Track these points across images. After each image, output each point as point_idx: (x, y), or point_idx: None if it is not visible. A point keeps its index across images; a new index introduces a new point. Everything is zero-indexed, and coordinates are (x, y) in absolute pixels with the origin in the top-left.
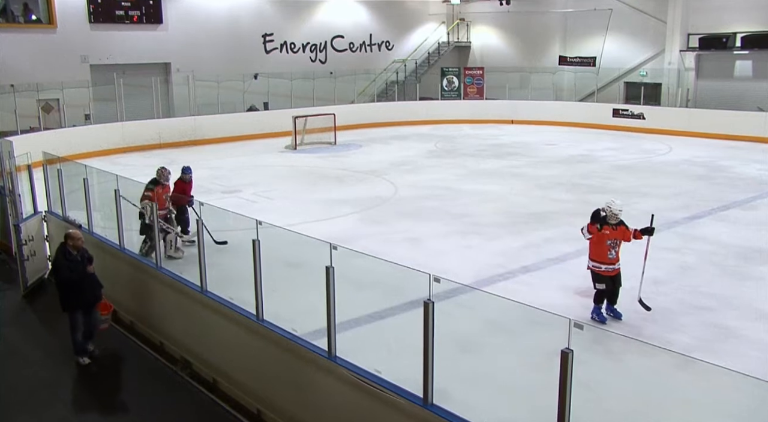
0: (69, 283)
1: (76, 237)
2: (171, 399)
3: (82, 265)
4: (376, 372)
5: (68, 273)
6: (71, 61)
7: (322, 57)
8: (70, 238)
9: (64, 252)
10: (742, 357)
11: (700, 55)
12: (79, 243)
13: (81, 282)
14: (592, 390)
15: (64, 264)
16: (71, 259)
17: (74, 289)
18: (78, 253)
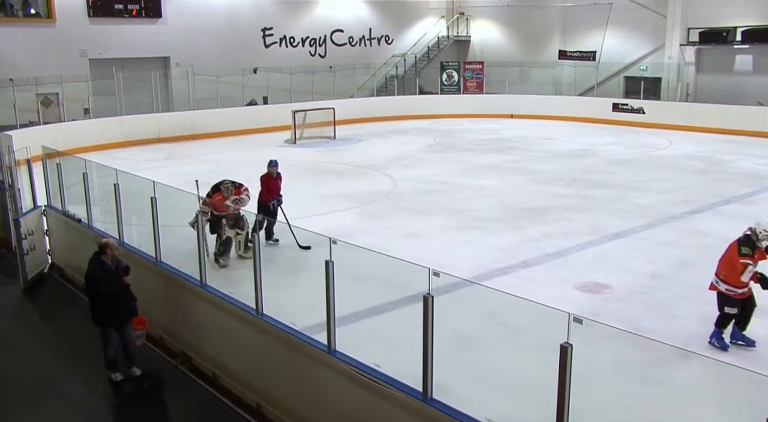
0: (104, 297)
1: (113, 247)
2: (171, 393)
3: (117, 277)
4: (376, 367)
5: (104, 286)
6: (70, 55)
7: (321, 51)
8: (108, 248)
9: (99, 263)
10: (740, 351)
11: (700, 50)
12: (115, 253)
13: (116, 295)
14: (591, 384)
15: (100, 276)
16: (106, 270)
17: (108, 303)
18: (112, 263)
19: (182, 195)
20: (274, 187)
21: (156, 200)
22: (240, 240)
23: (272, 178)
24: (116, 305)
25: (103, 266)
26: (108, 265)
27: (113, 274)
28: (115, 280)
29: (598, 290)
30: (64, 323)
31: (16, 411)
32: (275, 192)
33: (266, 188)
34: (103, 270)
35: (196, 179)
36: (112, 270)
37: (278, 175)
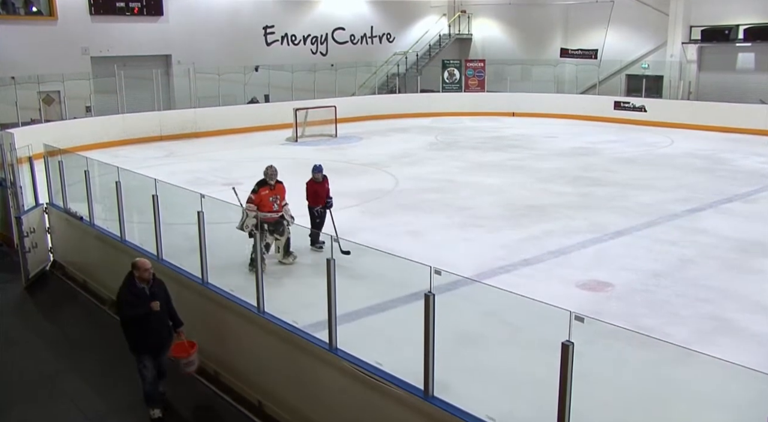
0: (132, 322)
1: (143, 268)
2: (172, 390)
3: (149, 300)
4: (377, 364)
5: (130, 310)
6: (72, 53)
7: (323, 49)
8: (136, 269)
9: (129, 284)
10: (741, 349)
11: (702, 48)
12: (146, 275)
13: (147, 320)
14: (592, 382)
15: (126, 298)
16: (136, 293)
17: (139, 329)
18: (148, 286)
19: (183, 193)
20: (321, 192)
21: (157, 198)
22: (280, 246)
23: (317, 183)
24: (148, 331)
25: (132, 288)
26: (138, 287)
27: (145, 297)
28: (144, 304)
29: (599, 288)
30: (66, 321)
31: (17, 408)
32: (323, 197)
33: (313, 195)
34: (131, 292)
35: (233, 186)
36: (143, 294)
37: (324, 179)
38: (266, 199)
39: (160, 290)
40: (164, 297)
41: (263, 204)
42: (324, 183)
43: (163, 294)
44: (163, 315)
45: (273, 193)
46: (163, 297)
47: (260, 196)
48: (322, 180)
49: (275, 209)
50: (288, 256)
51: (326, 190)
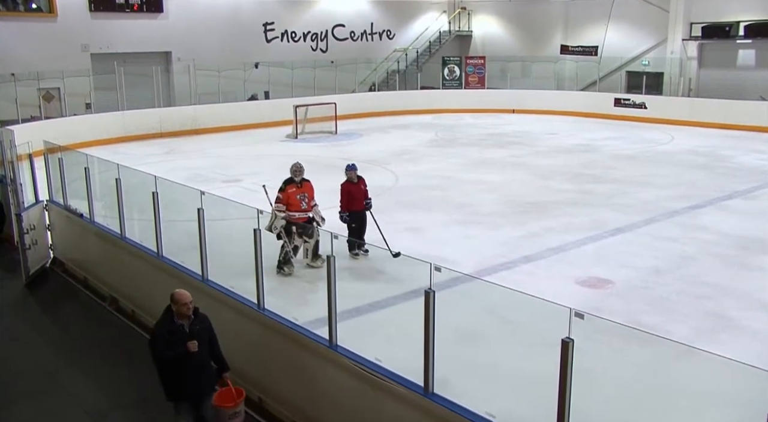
0: (168, 364)
1: (181, 302)
2: None
3: (188, 339)
4: (377, 361)
5: (164, 350)
6: (72, 50)
7: (323, 46)
8: (174, 302)
9: (166, 320)
10: (742, 346)
11: (702, 44)
12: (184, 310)
13: (184, 362)
14: (592, 379)
15: (161, 336)
16: (173, 330)
17: (176, 372)
18: (188, 322)
19: (184, 189)
20: (357, 193)
21: (158, 195)
22: (308, 249)
23: (353, 183)
24: (187, 375)
25: (170, 325)
26: (176, 324)
27: (183, 336)
28: (182, 344)
29: (599, 285)
30: (66, 317)
31: (18, 405)
32: (360, 199)
33: (347, 197)
34: (168, 329)
35: (263, 184)
36: (182, 331)
37: (360, 179)
38: (294, 197)
39: (202, 327)
40: (207, 336)
41: (291, 203)
42: (360, 183)
43: (206, 332)
44: (205, 356)
45: (301, 191)
46: (205, 336)
47: (287, 194)
48: (358, 181)
49: (303, 208)
50: (317, 259)
51: (363, 191)
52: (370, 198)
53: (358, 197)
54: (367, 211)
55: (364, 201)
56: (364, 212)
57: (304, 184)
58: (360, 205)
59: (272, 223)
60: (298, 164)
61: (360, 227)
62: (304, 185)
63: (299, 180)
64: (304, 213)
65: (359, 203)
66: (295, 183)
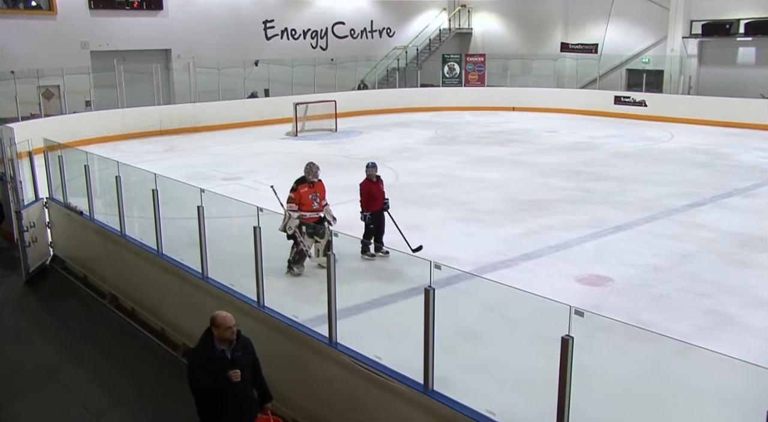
0: (207, 394)
1: (224, 325)
2: (173, 385)
3: (230, 367)
4: (377, 359)
5: (204, 379)
6: (71, 48)
7: (323, 43)
8: (215, 326)
9: (205, 346)
10: (742, 344)
11: (702, 42)
12: (227, 334)
13: (226, 392)
14: (592, 376)
15: (201, 363)
16: (214, 357)
17: (215, 403)
18: (230, 348)
19: (184, 187)
20: (377, 192)
21: (158, 192)
22: (320, 249)
23: (372, 182)
24: (227, 407)
25: (210, 351)
26: (217, 350)
27: (225, 363)
28: (223, 373)
29: (599, 283)
30: (66, 315)
31: (19, 401)
32: (379, 198)
33: (368, 196)
34: (207, 357)
35: (271, 185)
36: (224, 358)
37: (379, 179)
38: (306, 197)
39: (245, 353)
40: (250, 362)
41: (303, 202)
42: (379, 183)
43: (249, 357)
44: (248, 385)
45: (313, 191)
46: (248, 362)
47: (300, 194)
48: (377, 180)
49: (315, 208)
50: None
51: (382, 191)
52: (387, 198)
53: (378, 197)
54: (385, 211)
55: (383, 201)
56: (382, 212)
57: (316, 184)
58: (379, 205)
59: (286, 223)
60: (314, 165)
61: (378, 227)
62: (316, 185)
63: (314, 180)
64: (316, 213)
65: (378, 203)
66: (309, 183)
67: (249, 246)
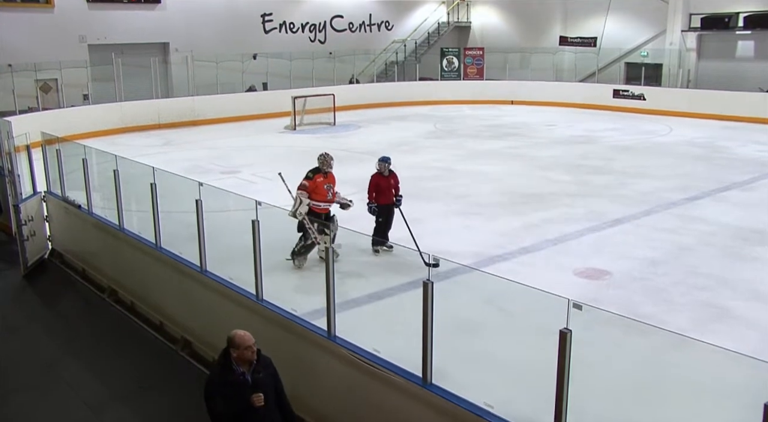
0: (226, 420)
1: (243, 345)
2: (172, 378)
3: (251, 391)
4: (376, 352)
5: (222, 405)
6: (69, 41)
7: (321, 37)
8: (234, 346)
9: (223, 369)
10: (739, 337)
11: (701, 36)
12: (247, 354)
13: (247, 418)
14: (590, 369)
15: (216, 388)
16: (233, 381)
17: None
18: (249, 370)
19: (182, 181)
20: (385, 187)
21: (156, 186)
22: (327, 241)
23: (382, 176)
24: None
25: (228, 374)
26: (236, 373)
27: (244, 387)
28: (243, 397)
29: (597, 276)
30: (65, 308)
31: (17, 395)
32: (387, 195)
33: (375, 188)
34: (226, 381)
35: (279, 172)
36: (241, 382)
37: (391, 174)
38: (321, 187)
39: (266, 374)
40: (272, 384)
41: (318, 191)
42: (390, 177)
43: (271, 379)
44: (271, 410)
45: (327, 181)
46: (270, 384)
47: (316, 183)
48: (389, 174)
49: (329, 198)
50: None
51: (392, 185)
52: (401, 195)
53: (386, 191)
54: (397, 207)
55: (394, 196)
56: (391, 207)
57: (329, 174)
58: (387, 199)
59: (296, 209)
60: (329, 156)
61: (386, 222)
62: (329, 176)
63: (328, 170)
64: (329, 204)
65: (386, 197)
66: (322, 172)
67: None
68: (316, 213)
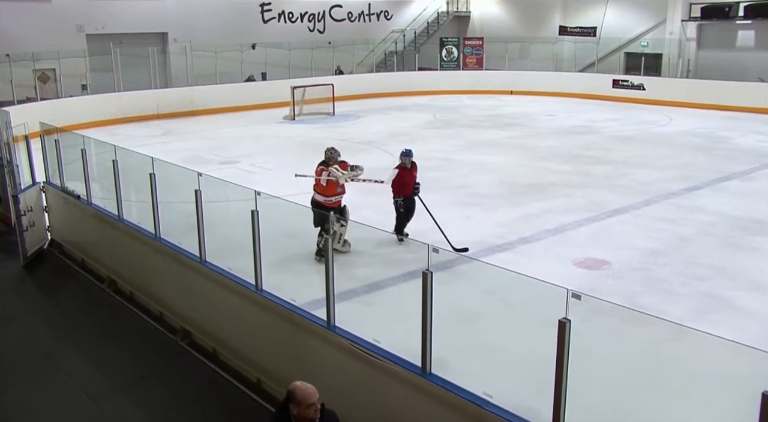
0: None
1: (305, 402)
2: (172, 368)
3: None
4: (375, 342)
5: None
6: (67, 31)
7: (320, 27)
8: (295, 402)
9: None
10: (738, 327)
11: (701, 25)
12: (310, 413)
13: None
14: (588, 359)
15: None
16: None
17: None
18: None
19: (181, 171)
20: (409, 180)
21: (155, 176)
22: (342, 234)
23: (406, 169)
24: None
25: None
26: None
27: None
28: None
29: (596, 266)
30: (64, 298)
31: (17, 384)
32: (410, 184)
33: (400, 181)
34: None
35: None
36: None
37: (413, 165)
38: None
39: None
40: None
41: (330, 186)
42: (412, 169)
43: None
44: None
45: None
46: None
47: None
48: (411, 166)
49: (339, 191)
50: (345, 244)
51: (414, 177)
52: (419, 183)
53: (409, 183)
54: (416, 196)
55: (414, 186)
56: (412, 197)
57: (340, 165)
58: (409, 190)
59: (346, 177)
60: (335, 151)
61: (408, 212)
62: (341, 166)
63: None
64: (340, 196)
65: (409, 189)
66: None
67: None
68: (328, 208)
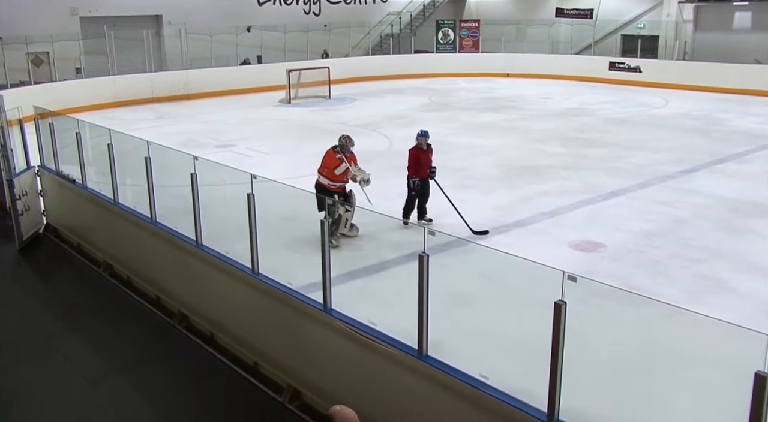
0: None
1: None
2: (169, 352)
3: None
4: (371, 325)
5: None
6: (60, 13)
7: (315, 9)
8: None
9: None
10: (732, 308)
11: (698, 7)
12: None
13: None
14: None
15: None
16: None
17: None
18: None
19: (177, 155)
20: (425, 161)
21: (150, 160)
22: (348, 218)
23: (422, 150)
24: None
25: None
26: None
27: None
28: None
29: (592, 248)
30: (60, 282)
31: (14, 368)
32: (425, 166)
33: (415, 162)
34: None
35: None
36: None
37: (429, 147)
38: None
39: None
40: None
41: (340, 174)
42: (428, 151)
43: None
44: None
45: (348, 161)
46: None
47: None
48: (427, 148)
49: (345, 180)
50: (352, 228)
51: (430, 159)
52: (434, 166)
53: (424, 165)
54: (431, 179)
55: (430, 168)
56: (427, 180)
57: (349, 156)
58: (425, 173)
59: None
60: (350, 140)
61: (422, 195)
62: (350, 157)
63: (347, 154)
64: (344, 183)
65: (424, 171)
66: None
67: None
68: (332, 192)
